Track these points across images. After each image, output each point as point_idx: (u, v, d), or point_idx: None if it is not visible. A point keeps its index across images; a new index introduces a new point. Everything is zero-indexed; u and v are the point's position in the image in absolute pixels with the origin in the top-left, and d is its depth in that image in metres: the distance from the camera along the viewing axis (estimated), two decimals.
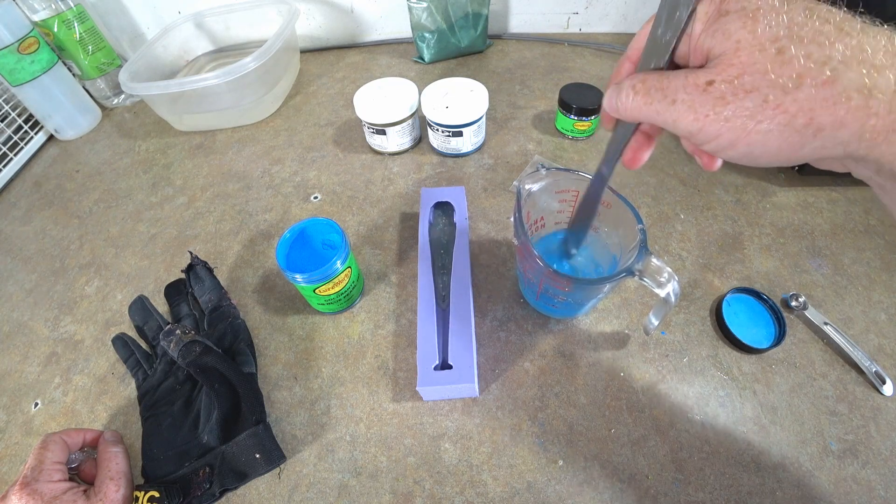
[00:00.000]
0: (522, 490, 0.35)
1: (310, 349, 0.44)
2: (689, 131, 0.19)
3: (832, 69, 0.16)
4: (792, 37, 0.16)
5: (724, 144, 0.19)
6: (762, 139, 0.17)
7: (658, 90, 0.20)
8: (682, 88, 0.19)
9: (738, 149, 0.18)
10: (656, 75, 0.20)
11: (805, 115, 0.16)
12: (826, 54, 0.16)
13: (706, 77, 0.18)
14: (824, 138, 0.16)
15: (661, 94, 0.19)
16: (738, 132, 0.18)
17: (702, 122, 0.18)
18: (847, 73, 0.15)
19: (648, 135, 0.26)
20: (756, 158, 0.19)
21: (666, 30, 0.20)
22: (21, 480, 0.31)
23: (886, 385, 0.37)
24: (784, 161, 0.18)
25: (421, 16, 0.71)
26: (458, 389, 0.38)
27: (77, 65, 0.71)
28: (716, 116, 0.18)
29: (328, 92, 0.74)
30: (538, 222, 0.43)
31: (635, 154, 0.26)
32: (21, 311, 0.51)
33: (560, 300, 0.39)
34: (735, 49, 0.17)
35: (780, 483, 0.34)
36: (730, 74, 0.17)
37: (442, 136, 0.57)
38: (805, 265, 0.46)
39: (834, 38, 0.16)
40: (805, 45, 0.16)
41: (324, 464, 0.37)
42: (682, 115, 0.19)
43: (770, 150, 0.18)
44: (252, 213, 0.57)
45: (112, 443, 0.37)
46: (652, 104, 0.20)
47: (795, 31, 0.16)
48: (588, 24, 0.80)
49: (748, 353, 0.40)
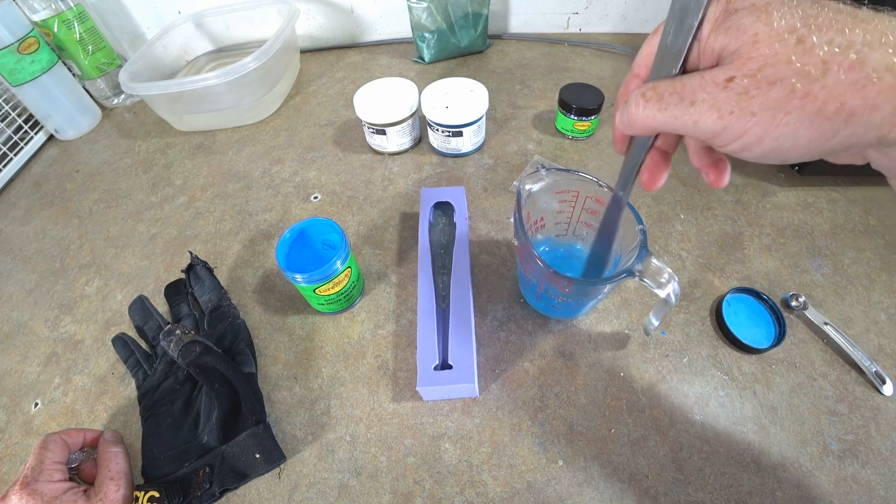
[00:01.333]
0: (522, 490, 0.35)
1: (310, 349, 0.44)
2: (713, 131, 0.18)
3: (857, 52, 0.15)
4: (809, 26, 0.16)
5: (750, 141, 0.18)
6: (792, 130, 0.17)
7: (672, 94, 0.19)
8: (699, 88, 0.18)
9: (765, 144, 0.17)
10: (667, 81, 0.19)
11: (836, 101, 0.16)
12: (848, 39, 0.15)
13: (725, 74, 0.17)
14: (856, 124, 0.16)
15: (677, 98, 0.19)
16: (766, 125, 0.17)
17: (726, 120, 0.17)
18: (873, 55, 0.15)
19: (665, 152, 0.24)
20: (784, 153, 0.18)
21: (676, 38, 0.19)
22: (21, 480, 0.31)
23: (886, 385, 0.37)
24: (814, 153, 0.18)
25: (421, 16, 0.71)
26: (458, 389, 0.38)
27: (77, 65, 0.71)
28: (741, 112, 0.17)
29: (328, 92, 0.74)
30: (538, 223, 0.43)
31: (653, 174, 0.24)
32: (21, 311, 0.51)
33: (560, 301, 0.39)
34: (753, 42, 0.17)
35: (780, 483, 0.34)
36: (751, 68, 0.17)
37: (442, 136, 0.57)
38: (805, 265, 0.46)
39: (851, 24, 0.16)
40: (825, 33, 0.16)
41: (324, 464, 0.37)
42: (703, 116, 0.18)
43: (800, 143, 0.17)
44: (252, 213, 0.57)
45: (112, 443, 0.37)
46: (668, 109, 0.19)
47: (811, 20, 0.16)
48: (588, 24, 0.80)
49: (748, 353, 0.40)
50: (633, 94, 0.21)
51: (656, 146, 0.24)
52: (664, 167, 0.24)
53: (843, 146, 0.17)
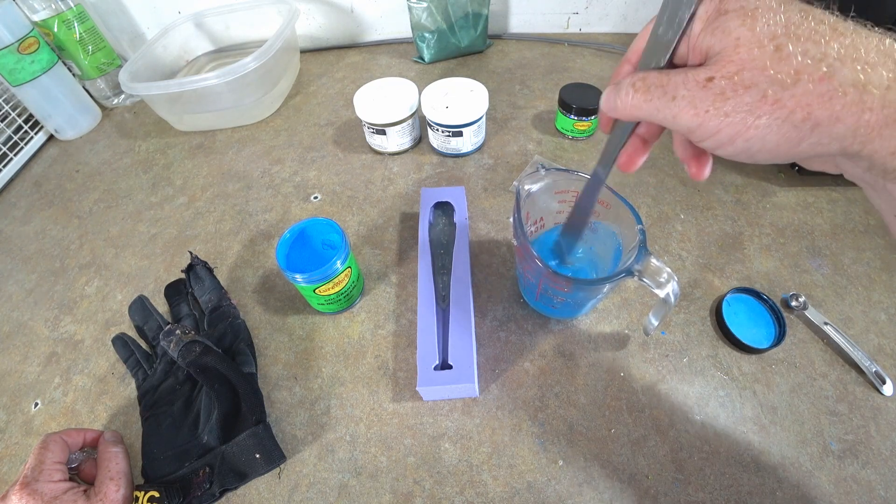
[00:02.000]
0: (522, 490, 0.35)
1: (310, 349, 0.44)
2: (689, 127, 0.19)
3: (828, 66, 0.16)
4: (789, 35, 0.17)
5: (723, 140, 0.19)
6: (761, 134, 0.18)
7: (658, 87, 0.20)
8: (682, 85, 0.19)
9: (737, 144, 0.19)
10: (656, 73, 0.20)
11: (803, 111, 0.16)
12: (822, 52, 0.16)
13: (706, 74, 0.18)
14: (821, 133, 0.17)
15: (662, 91, 0.20)
16: (738, 127, 0.18)
17: (702, 118, 0.18)
18: (842, 70, 0.16)
19: (644, 139, 0.26)
20: (754, 154, 0.19)
21: (667, 29, 0.20)
22: (21, 480, 0.31)
23: (886, 385, 0.37)
24: (782, 157, 0.19)
25: (421, 16, 0.71)
26: (458, 389, 0.38)
27: (77, 65, 0.71)
28: (715, 112, 0.18)
29: (328, 92, 0.74)
30: (538, 223, 0.43)
31: (630, 158, 0.26)
32: (21, 311, 0.51)
33: (559, 301, 0.39)
34: (735, 46, 0.18)
35: (780, 483, 0.34)
36: (729, 71, 0.18)
37: (442, 136, 0.57)
38: (805, 265, 0.46)
39: (829, 37, 0.16)
40: (802, 43, 0.16)
41: (324, 464, 0.37)
42: (682, 111, 0.19)
43: (768, 146, 0.18)
44: (252, 213, 0.57)
45: (112, 443, 0.37)
46: (652, 101, 0.20)
47: (793, 29, 0.17)
48: (588, 24, 0.80)
49: (748, 353, 0.40)
50: (624, 80, 0.22)
51: (637, 133, 0.26)
52: (642, 153, 0.26)
53: (810, 153, 0.18)
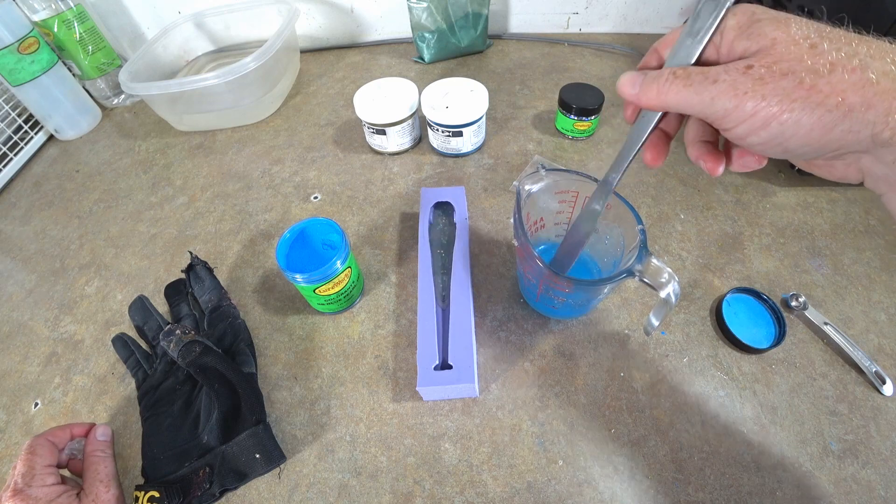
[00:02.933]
0: (522, 490, 0.35)
1: (310, 349, 0.44)
2: (726, 109, 0.20)
3: (860, 60, 0.18)
4: (822, 36, 0.19)
5: (756, 124, 0.20)
6: (796, 117, 0.19)
7: (698, 73, 0.21)
8: (723, 71, 0.20)
9: (771, 128, 0.19)
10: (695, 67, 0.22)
11: (837, 96, 0.18)
12: (854, 49, 0.18)
13: (745, 63, 0.20)
14: (853, 120, 0.18)
15: (702, 76, 0.21)
16: (774, 109, 0.19)
17: (740, 99, 0.19)
18: (874, 63, 0.18)
19: (666, 134, 0.27)
20: (786, 141, 0.20)
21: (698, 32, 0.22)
22: (12, 487, 0.31)
23: (886, 385, 0.37)
24: (812, 146, 0.19)
25: (421, 16, 0.71)
26: (458, 389, 0.38)
27: (77, 65, 0.71)
28: (754, 94, 0.19)
29: (328, 92, 0.74)
30: (538, 223, 0.43)
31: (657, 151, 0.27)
32: (21, 311, 0.51)
33: (560, 301, 0.39)
34: (772, 44, 0.19)
35: (780, 483, 0.34)
36: (768, 61, 0.19)
37: (442, 136, 0.57)
38: (805, 265, 0.46)
39: (858, 41, 0.19)
40: (834, 43, 0.18)
41: (324, 464, 0.37)
42: (721, 93, 0.20)
43: (801, 131, 0.19)
44: (252, 213, 0.57)
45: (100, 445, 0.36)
46: (692, 86, 0.21)
47: (824, 33, 0.19)
48: (588, 24, 0.80)
49: (748, 353, 0.40)
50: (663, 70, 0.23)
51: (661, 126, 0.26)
52: (665, 147, 0.27)
53: (840, 142, 0.19)
